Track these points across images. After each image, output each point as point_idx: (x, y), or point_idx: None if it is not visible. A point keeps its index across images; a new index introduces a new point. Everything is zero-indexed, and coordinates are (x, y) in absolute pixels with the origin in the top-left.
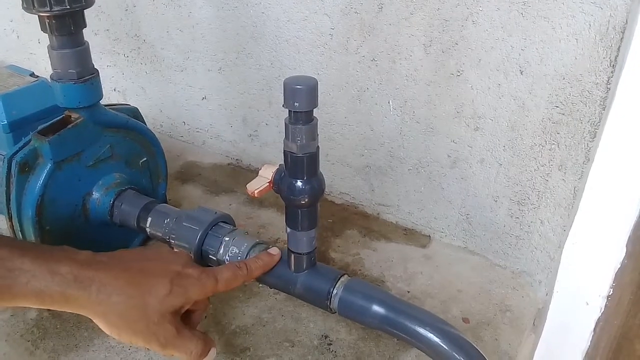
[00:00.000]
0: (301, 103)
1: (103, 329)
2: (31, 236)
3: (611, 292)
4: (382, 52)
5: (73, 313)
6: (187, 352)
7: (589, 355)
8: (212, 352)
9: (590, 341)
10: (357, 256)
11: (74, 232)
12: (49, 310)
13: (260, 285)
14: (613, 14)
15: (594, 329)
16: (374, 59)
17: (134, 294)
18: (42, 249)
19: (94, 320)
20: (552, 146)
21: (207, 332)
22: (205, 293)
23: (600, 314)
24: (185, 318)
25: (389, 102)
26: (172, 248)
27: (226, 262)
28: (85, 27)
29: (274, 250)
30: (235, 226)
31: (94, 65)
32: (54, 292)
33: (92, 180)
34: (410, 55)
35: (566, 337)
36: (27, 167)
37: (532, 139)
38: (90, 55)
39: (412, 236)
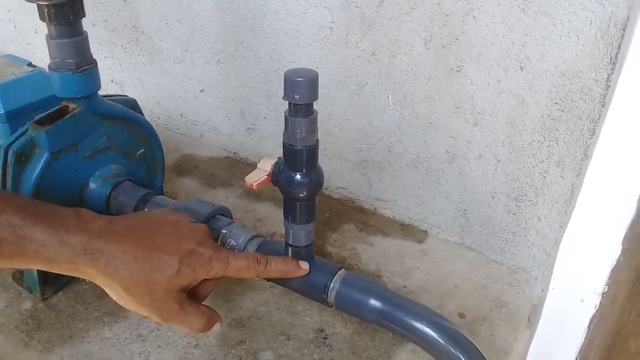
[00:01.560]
0: (301, 95)
1: (110, 296)
2: None
3: (606, 289)
4: (382, 47)
5: (68, 304)
6: (189, 326)
7: (583, 351)
8: (216, 326)
9: (585, 338)
10: (354, 251)
11: None
12: (43, 301)
13: (257, 278)
14: (614, 11)
15: (589, 325)
16: (373, 53)
17: (140, 269)
18: (54, 216)
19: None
20: (551, 143)
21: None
22: (212, 275)
23: (595, 311)
24: (194, 290)
25: (388, 97)
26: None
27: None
28: (84, 16)
29: (305, 265)
30: (232, 219)
31: (92, 55)
32: (63, 261)
33: (89, 171)
34: (410, 50)
35: (561, 334)
36: (23, 157)
37: (531, 135)
38: (88, 45)
39: (409, 231)
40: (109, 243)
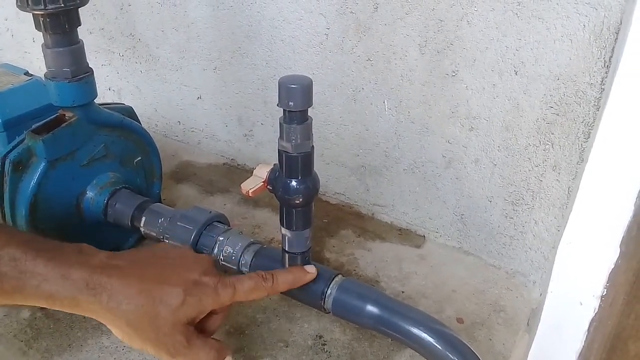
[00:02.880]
0: (296, 102)
1: (115, 334)
2: None
3: (605, 292)
4: (378, 52)
5: (67, 313)
6: None
7: (582, 355)
8: (228, 359)
9: (584, 341)
10: (352, 256)
11: (67, 231)
12: (42, 310)
13: None
14: (607, 15)
15: (588, 329)
16: (369, 58)
17: (144, 303)
18: (57, 251)
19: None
20: (547, 146)
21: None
22: (220, 303)
23: (594, 315)
24: (202, 323)
25: (384, 102)
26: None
27: (220, 263)
28: (80, 25)
29: (311, 269)
30: (229, 226)
31: (88, 64)
32: (65, 297)
33: (86, 179)
34: (406, 56)
35: (560, 338)
36: (20, 166)
37: (527, 139)
38: (84, 54)
39: (407, 236)
40: (111, 277)
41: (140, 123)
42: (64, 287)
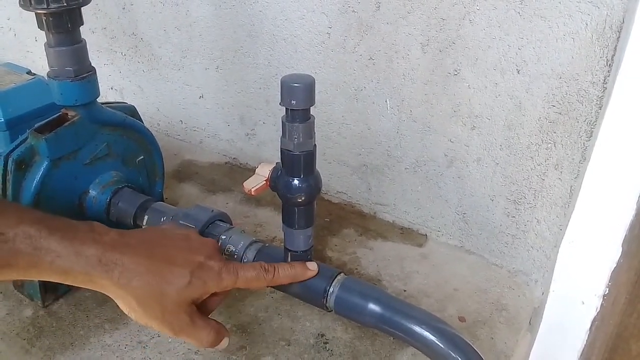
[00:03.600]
0: (298, 101)
1: (122, 309)
2: None
3: (607, 291)
4: (380, 51)
5: (69, 311)
6: (198, 340)
7: (584, 354)
8: (225, 341)
9: (586, 340)
10: (354, 255)
11: None
12: (44, 308)
13: None
14: (610, 13)
15: (590, 328)
16: (371, 57)
17: (153, 281)
18: (70, 229)
19: (114, 300)
20: (549, 145)
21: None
22: (222, 287)
23: (596, 314)
24: (202, 303)
25: (386, 101)
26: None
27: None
28: (83, 24)
29: (312, 266)
30: (231, 224)
31: (91, 63)
32: (79, 273)
33: (89, 178)
34: (408, 54)
35: (562, 336)
36: (23, 165)
37: (529, 138)
38: (87, 53)
39: (409, 235)
40: (123, 255)
41: (142, 122)
42: (77, 264)
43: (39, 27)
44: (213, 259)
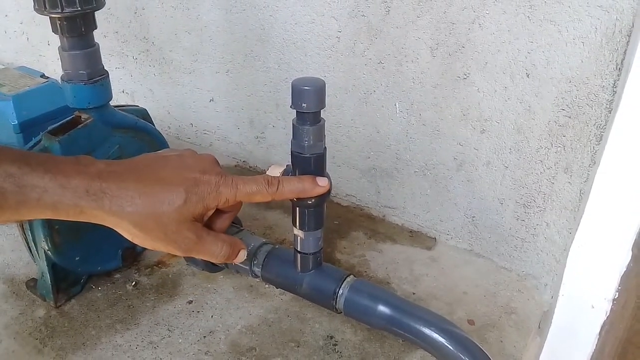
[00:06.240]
0: (309, 104)
1: (125, 237)
2: (40, 235)
3: (617, 295)
4: (389, 55)
5: (81, 311)
6: (210, 255)
7: (594, 358)
8: (242, 253)
9: (596, 345)
10: (363, 258)
11: (82, 231)
12: (56, 308)
13: (267, 285)
14: (619, 18)
15: (600, 332)
16: (380, 61)
17: (147, 203)
18: (51, 162)
19: (115, 229)
20: (558, 149)
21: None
22: (222, 202)
23: (605, 318)
24: (210, 222)
25: (395, 105)
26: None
27: (233, 263)
28: (96, 28)
29: (323, 182)
30: (242, 227)
31: (104, 67)
32: (68, 206)
33: None
34: (417, 58)
35: (572, 340)
36: None
37: (538, 141)
38: (100, 57)
39: (418, 238)
40: (109, 182)
41: (154, 125)
42: (64, 197)
43: (53, 31)
44: (208, 173)
